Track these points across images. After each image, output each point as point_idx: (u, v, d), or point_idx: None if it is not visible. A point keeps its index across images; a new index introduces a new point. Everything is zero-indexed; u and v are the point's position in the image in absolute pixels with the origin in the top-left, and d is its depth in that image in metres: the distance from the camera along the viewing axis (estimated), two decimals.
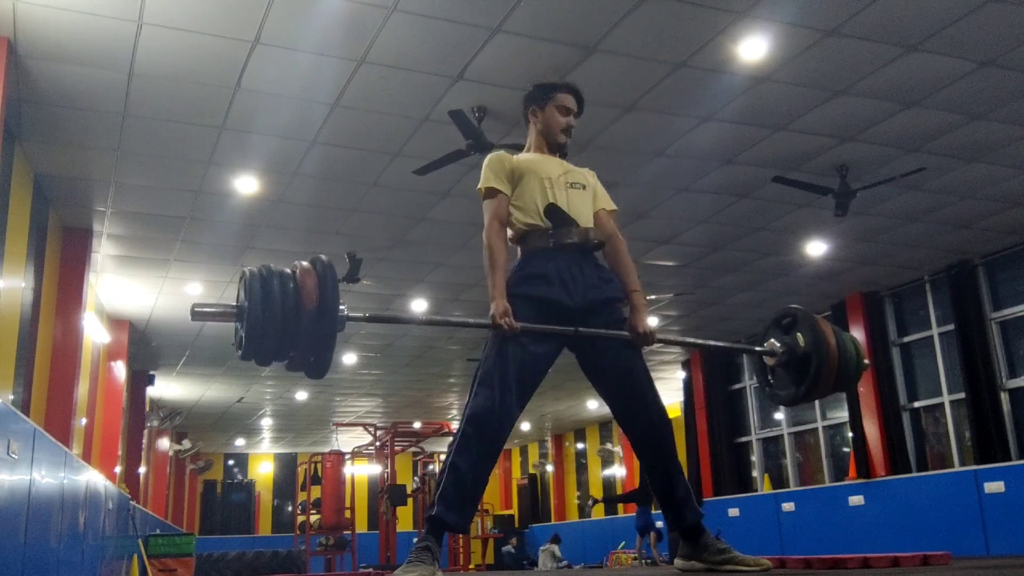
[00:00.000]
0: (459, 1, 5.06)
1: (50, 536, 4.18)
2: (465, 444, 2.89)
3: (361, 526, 19.48)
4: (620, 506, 16.30)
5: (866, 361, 3.29)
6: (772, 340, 3.29)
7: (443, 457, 3.25)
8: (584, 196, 3.20)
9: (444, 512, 2.85)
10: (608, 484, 19.60)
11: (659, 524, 12.80)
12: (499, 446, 2.97)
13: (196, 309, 2.70)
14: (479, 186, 3.18)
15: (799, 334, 3.19)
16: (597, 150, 6.85)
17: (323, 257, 2.75)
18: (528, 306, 2.99)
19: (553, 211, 3.10)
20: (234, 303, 2.72)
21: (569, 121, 3.26)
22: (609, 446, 19.48)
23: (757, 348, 3.33)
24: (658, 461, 3.11)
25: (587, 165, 3.41)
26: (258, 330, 2.59)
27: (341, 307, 2.69)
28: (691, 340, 3.79)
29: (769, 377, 3.35)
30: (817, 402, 12.51)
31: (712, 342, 3.74)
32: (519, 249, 3.17)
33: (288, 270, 2.70)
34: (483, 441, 2.90)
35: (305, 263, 2.73)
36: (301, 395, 16.39)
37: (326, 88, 5.92)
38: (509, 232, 3.17)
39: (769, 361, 3.29)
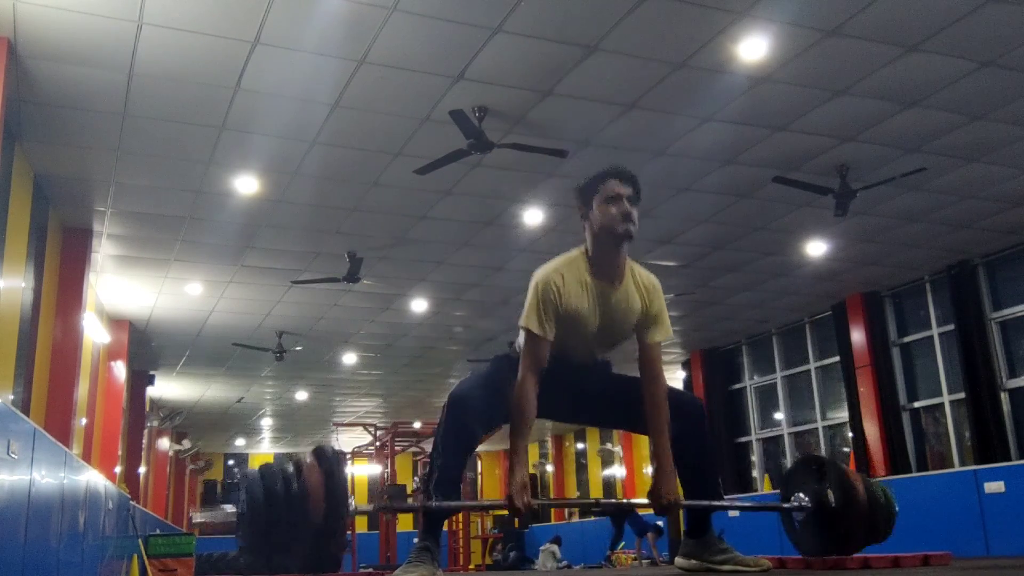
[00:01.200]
0: (459, 1, 5.05)
1: (50, 536, 4.17)
2: (446, 429, 2.87)
3: (361, 526, 19.46)
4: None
5: (897, 508, 3.14)
6: (800, 495, 3.13)
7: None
8: (615, 341, 2.99)
9: (441, 501, 2.84)
10: (608, 484, 19.59)
11: (659, 523, 12.79)
12: (478, 429, 2.89)
13: (194, 519, 2.62)
14: (521, 322, 2.84)
15: (829, 490, 3.03)
16: (597, 149, 6.85)
17: (329, 449, 2.63)
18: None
19: (571, 358, 2.94)
20: (234, 508, 2.63)
21: (623, 208, 2.87)
22: (609, 446, 19.47)
23: (785, 506, 3.18)
24: (681, 438, 2.99)
25: (588, 165, 3.37)
26: (260, 539, 2.53)
27: (349, 501, 2.59)
28: (718, 504, 3.39)
29: (796, 524, 3.19)
30: (817, 402, 12.52)
31: (738, 503, 3.74)
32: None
33: (291, 468, 2.59)
34: (458, 417, 2.85)
35: (310, 458, 2.60)
36: (301, 395, 16.39)
37: (326, 88, 5.91)
38: None
39: (798, 516, 3.15)
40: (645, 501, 2.88)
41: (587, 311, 2.85)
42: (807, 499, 3.08)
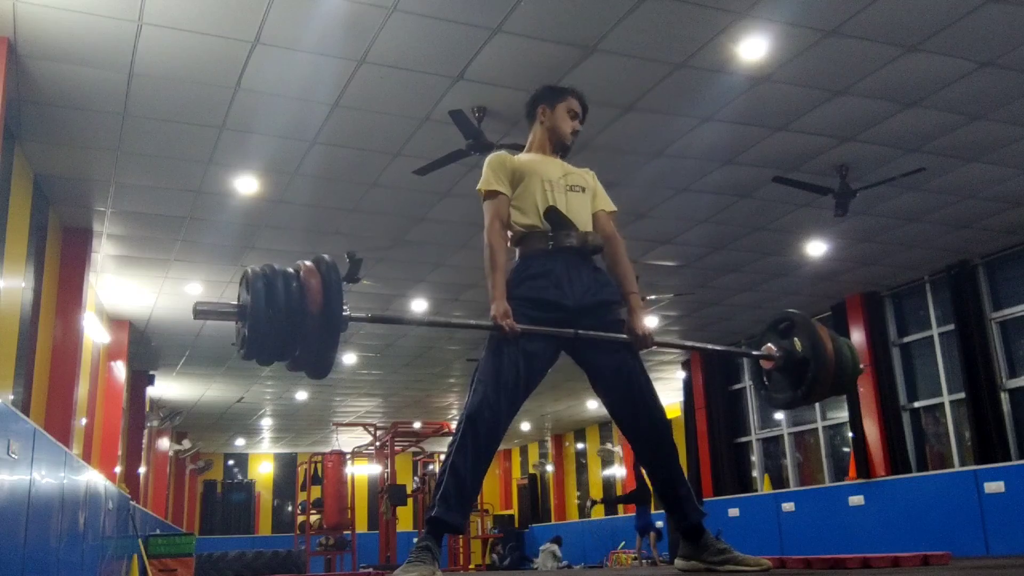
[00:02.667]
0: (459, 1, 5.06)
1: (50, 536, 4.18)
2: (463, 444, 2.90)
3: (361, 526, 19.48)
4: (620, 506, 16.30)
5: (862, 366, 3.33)
6: (769, 344, 3.30)
7: (443, 457, 3.24)
8: (583, 199, 3.21)
9: (445, 512, 2.86)
10: (608, 484, 19.60)
11: (659, 524, 12.80)
12: (495, 445, 2.98)
13: (199, 308, 2.69)
14: (479, 187, 3.18)
15: (796, 339, 3.21)
16: (597, 150, 6.85)
17: (327, 257, 2.74)
18: (527, 307, 3.00)
19: (552, 214, 3.11)
20: (236, 302, 2.71)
21: (575, 125, 3.29)
22: (609, 446, 19.48)
23: (755, 352, 3.34)
24: (659, 462, 3.11)
25: (587, 165, 3.41)
26: (261, 330, 2.58)
27: (344, 307, 2.68)
28: (689, 343, 3.81)
29: (766, 380, 3.37)
30: (816, 404, 12.51)
31: (710, 346, 3.75)
32: (517, 251, 3.18)
33: (291, 269, 2.69)
34: (479, 440, 2.91)
35: (308, 262, 2.72)
36: (301, 395, 16.39)
37: (326, 88, 5.92)
38: (508, 233, 3.17)
39: (766, 365, 3.31)
40: (624, 336, 3.06)
41: (542, 163, 3.21)
42: (776, 349, 3.26)
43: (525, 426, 20.20)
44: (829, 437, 12.48)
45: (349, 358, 13.45)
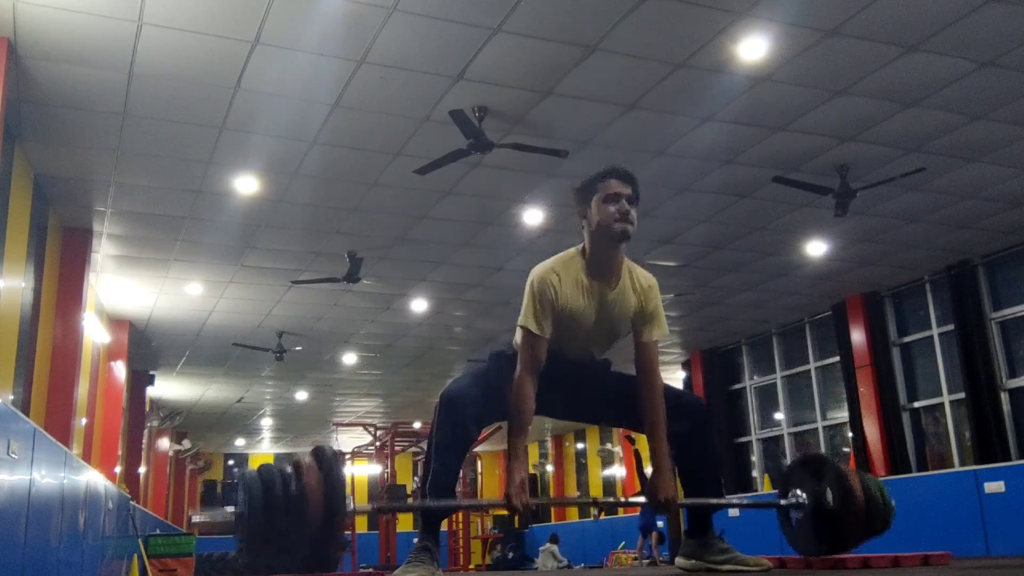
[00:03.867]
0: (459, 1, 5.05)
1: (50, 536, 4.17)
2: (440, 428, 2.85)
3: (361, 526, 19.47)
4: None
5: (894, 504, 3.12)
6: (798, 491, 3.11)
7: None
8: (612, 337, 2.99)
9: (436, 502, 2.84)
10: (608, 484, 19.59)
11: (660, 524, 12.78)
12: (471, 428, 2.88)
13: (193, 519, 2.62)
14: (520, 321, 2.84)
15: (828, 488, 3.00)
16: (597, 148, 6.85)
17: (328, 449, 2.64)
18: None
19: (568, 354, 2.93)
20: (233, 509, 2.63)
21: (622, 207, 2.84)
22: (609, 446, 19.47)
23: (782, 502, 3.16)
24: (687, 433, 2.98)
25: (587, 165, 3.37)
26: (259, 538, 2.56)
27: (348, 500, 2.59)
28: (717, 501, 3.36)
29: (792, 523, 3.17)
30: (817, 402, 12.52)
31: (735, 502, 3.69)
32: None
33: (290, 468, 2.59)
34: (453, 421, 2.84)
35: (308, 458, 2.60)
36: (301, 395, 16.39)
37: (326, 88, 5.91)
38: None
39: (795, 515, 3.13)
40: (643, 499, 2.88)
41: (583, 309, 2.85)
42: (804, 496, 3.08)
43: None
44: (829, 437, 12.48)
45: (349, 358, 13.45)
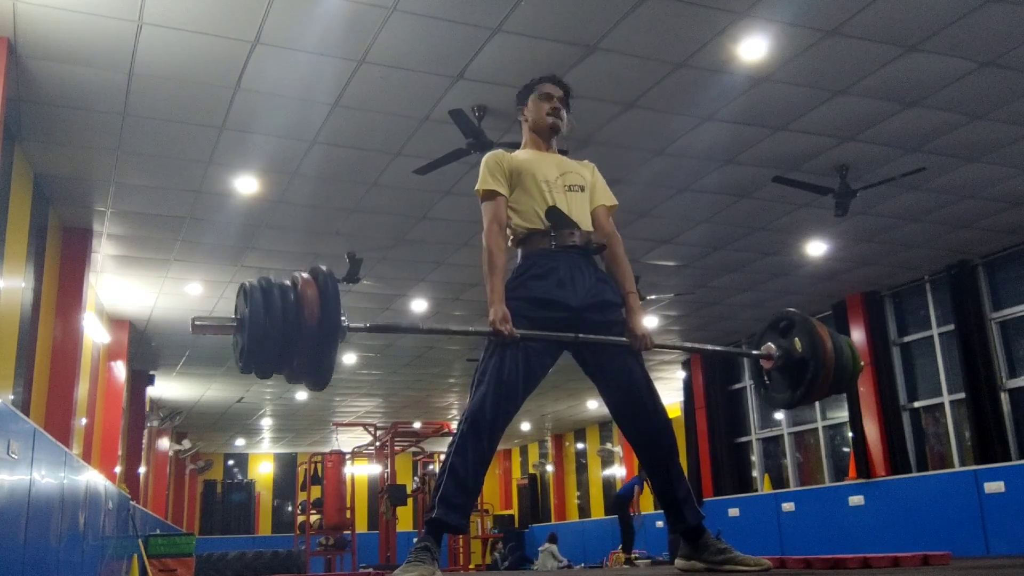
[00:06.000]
0: (459, 1, 5.06)
1: (50, 536, 4.18)
2: (463, 444, 2.90)
3: (361, 526, 19.47)
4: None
5: (862, 363, 3.32)
6: (769, 344, 3.30)
7: (443, 457, 3.24)
8: (582, 198, 3.19)
9: (445, 513, 2.85)
10: (608, 484, 19.59)
11: (659, 524, 12.79)
12: (495, 446, 2.98)
13: (196, 323, 2.68)
14: (477, 187, 3.17)
15: (796, 338, 3.20)
16: (597, 146, 6.85)
17: (323, 267, 2.74)
18: (530, 307, 3.00)
19: (554, 213, 3.10)
20: (234, 315, 2.70)
21: (553, 104, 3.24)
22: (609, 446, 19.48)
23: (754, 352, 3.34)
24: (659, 464, 3.11)
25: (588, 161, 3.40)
26: (259, 341, 2.57)
27: (342, 318, 2.66)
28: (688, 345, 3.81)
29: (766, 380, 3.37)
30: (817, 402, 12.52)
31: (708, 346, 3.76)
32: (519, 251, 3.17)
33: (288, 281, 2.68)
34: (480, 441, 2.90)
35: (305, 274, 2.71)
36: (301, 395, 16.39)
37: (326, 88, 5.92)
38: (508, 234, 3.16)
39: (766, 364, 3.31)
40: (624, 340, 3.05)
41: (539, 162, 3.17)
42: (776, 348, 3.26)
43: (525, 426, 20.19)
44: (829, 437, 12.48)
45: (349, 358, 13.45)
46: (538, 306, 3.01)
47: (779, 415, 13.21)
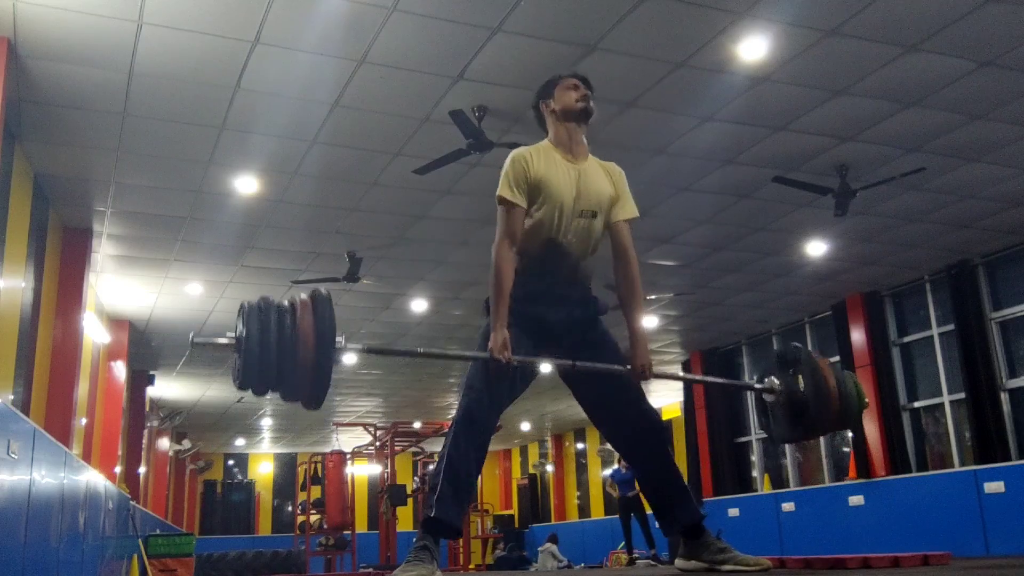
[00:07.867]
0: (459, 1, 5.06)
1: (50, 536, 4.18)
2: (457, 444, 2.92)
3: (361, 526, 19.48)
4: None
5: (867, 400, 3.29)
6: (772, 378, 3.28)
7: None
8: (592, 226, 3.08)
9: (442, 512, 2.86)
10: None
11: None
12: (487, 445, 3.01)
13: (196, 340, 2.75)
14: (498, 192, 3.03)
15: (800, 376, 3.19)
16: (598, 146, 6.80)
17: (322, 290, 2.77)
18: (521, 322, 2.99)
19: (551, 247, 3.04)
20: (232, 334, 2.75)
21: (582, 92, 3.18)
22: (609, 446, 19.45)
23: (756, 386, 3.32)
24: (651, 468, 3.11)
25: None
26: (254, 364, 2.63)
27: (338, 339, 2.71)
28: (690, 376, 3.80)
29: (769, 413, 3.35)
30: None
31: (710, 378, 3.76)
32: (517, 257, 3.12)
33: (287, 303, 2.73)
34: (473, 441, 2.94)
35: (304, 295, 2.76)
36: None
37: (326, 88, 5.92)
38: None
39: (768, 398, 3.30)
40: (626, 368, 3.03)
41: (558, 180, 3.04)
42: (779, 384, 3.25)
43: (525, 426, 20.19)
44: (829, 437, 12.48)
45: (349, 358, 13.43)
46: (529, 323, 3.02)
47: None
